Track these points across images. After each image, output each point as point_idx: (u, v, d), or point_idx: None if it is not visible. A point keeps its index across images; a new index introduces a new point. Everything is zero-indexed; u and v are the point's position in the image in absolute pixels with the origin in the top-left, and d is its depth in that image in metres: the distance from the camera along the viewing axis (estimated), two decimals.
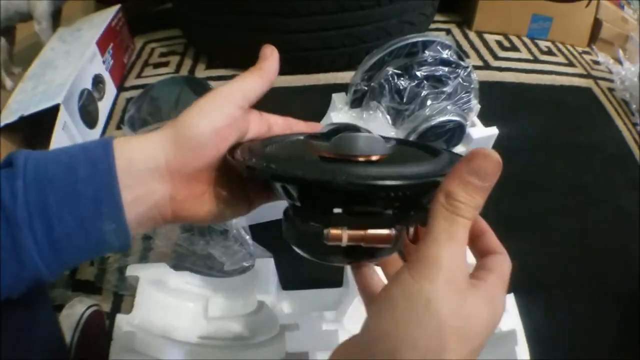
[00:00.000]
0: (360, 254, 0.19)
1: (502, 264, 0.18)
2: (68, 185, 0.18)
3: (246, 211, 0.24)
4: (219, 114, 0.21)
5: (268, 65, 0.23)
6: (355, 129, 0.19)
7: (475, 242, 0.20)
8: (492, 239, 0.20)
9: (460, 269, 0.16)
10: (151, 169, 0.20)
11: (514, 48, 0.87)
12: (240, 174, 0.21)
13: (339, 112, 0.56)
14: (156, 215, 0.21)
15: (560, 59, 0.86)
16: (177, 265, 0.48)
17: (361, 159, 0.18)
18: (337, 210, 0.18)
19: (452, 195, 0.16)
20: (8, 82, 0.81)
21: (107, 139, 0.20)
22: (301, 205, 0.19)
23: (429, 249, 0.16)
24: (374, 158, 0.18)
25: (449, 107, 0.51)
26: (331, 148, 0.18)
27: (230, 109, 0.21)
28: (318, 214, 0.18)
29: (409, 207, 0.18)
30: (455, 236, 0.16)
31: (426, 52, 0.52)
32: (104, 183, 0.18)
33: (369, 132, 0.20)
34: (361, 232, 0.18)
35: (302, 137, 0.24)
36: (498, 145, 0.59)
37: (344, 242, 0.18)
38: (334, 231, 0.17)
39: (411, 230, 0.20)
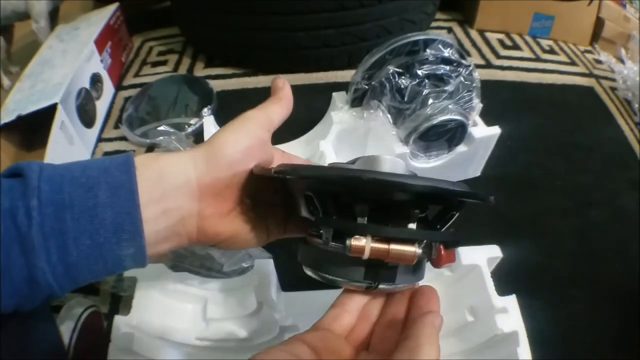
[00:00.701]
0: (381, 273, 0.19)
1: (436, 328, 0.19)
2: (87, 210, 0.18)
3: (264, 241, 0.25)
4: (250, 135, 0.22)
5: (285, 94, 0.25)
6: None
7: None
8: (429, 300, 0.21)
9: None
10: (181, 184, 0.20)
11: (516, 47, 0.87)
12: (266, 190, 0.22)
13: (339, 111, 0.56)
14: (181, 232, 0.21)
15: (562, 57, 0.85)
16: (176, 266, 0.48)
17: None
18: (361, 221, 0.18)
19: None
20: (5, 81, 0.81)
21: (129, 159, 0.20)
22: (324, 215, 0.19)
23: None
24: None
25: (450, 106, 0.50)
26: (357, 166, 0.19)
27: (259, 131, 0.23)
28: (342, 223, 0.18)
29: (433, 221, 0.19)
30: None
31: (427, 50, 0.51)
32: (125, 209, 0.18)
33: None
34: (385, 246, 0.17)
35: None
36: (499, 144, 0.58)
37: (367, 254, 0.17)
38: (357, 242, 0.17)
39: (434, 250, 0.20)
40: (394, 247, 0.17)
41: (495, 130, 0.56)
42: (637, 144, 0.69)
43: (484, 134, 0.56)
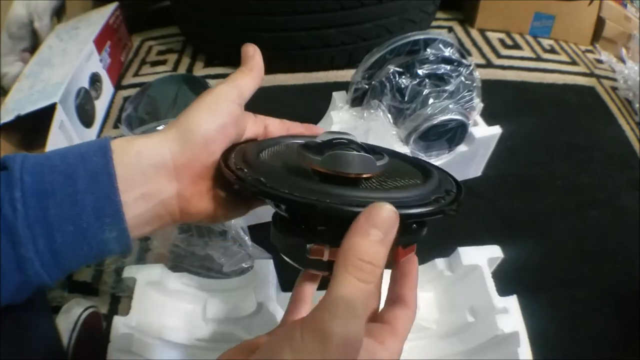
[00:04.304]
0: None
1: (402, 319, 0.18)
2: (68, 197, 0.18)
3: (246, 211, 0.25)
4: (222, 112, 0.22)
5: (256, 63, 0.24)
6: (350, 142, 0.20)
7: (391, 284, 0.21)
8: (406, 285, 0.20)
9: (357, 347, 0.14)
10: (157, 165, 0.20)
11: (517, 46, 0.87)
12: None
13: (340, 111, 0.56)
14: (164, 214, 0.21)
15: (563, 57, 0.85)
16: (175, 267, 0.47)
17: (352, 176, 0.19)
18: (321, 228, 0.19)
19: (358, 253, 0.15)
20: None
21: (105, 143, 0.19)
22: (288, 218, 0.20)
23: (324, 317, 0.14)
24: (365, 176, 0.19)
25: (451, 106, 0.50)
26: (323, 164, 0.19)
27: (231, 107, 0.22)
28: (303, 230, 0.19)
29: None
30: (359, 305, 0.14)
31: (428, 50, 0.51)
32: (105, 193, 0.18)
33: (363, 145, 0.20)
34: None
35: (298, 142, 0.25)
36: (500, 144, 0.58)
37: (325, 258, 0.18)
38: (317, 247, 0.18)
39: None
40: None
41: (496, 130, 0.56)
42: (638, 144, 0.69)
43: (485, 133, 0.55)
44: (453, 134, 0.53)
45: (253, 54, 0.24)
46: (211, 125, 0.21)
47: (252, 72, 0.24)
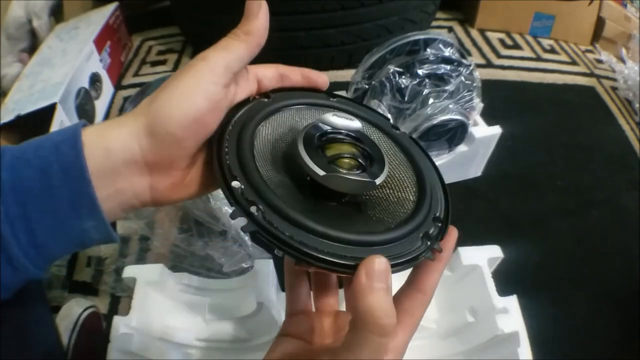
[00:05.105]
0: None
1: (420, 306, 0.19)
2: (44, 191, 0.18)
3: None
4: (198, 100, 0.18)
5: (256, 27, 0.19)
6: (353, 142, 0.20)
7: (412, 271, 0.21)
8: (426, 275, 0.20)
9: None
10: (127, 161, 0.19)
11: (517, 46, 0.87)
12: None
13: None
14: (136, 203, 0.20)
15: (563, 57, 0.85)
16: (175, 267, 0.47)
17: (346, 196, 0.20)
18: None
19: (375, 312, 0.16)
20: None
21: (76, 132, 0.18)
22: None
23: None
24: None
25: (451, 106, 0.50)
26: (325, 181, 0.19)
27: (211, 91, 0.19)
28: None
29: None
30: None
31: (428, 50, 0.51)
32: (79, 188, 0.18)
33: (365, 150, 0.20)
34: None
35: (301, 107, 0.23)
36: (500, 144, 0.58)
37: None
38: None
39: None
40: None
41: (496, 130, 0.56)
42: (638, 144, 0.69)
43: (485, 133, 0.55)
44: (453, 134, 0.53)
45: (257, 11, 0.19)
46: (183, 120, 0.18)
47: (249, 37, 0.19)
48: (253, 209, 0.18)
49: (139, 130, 0.19)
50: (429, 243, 0.20)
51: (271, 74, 0.22)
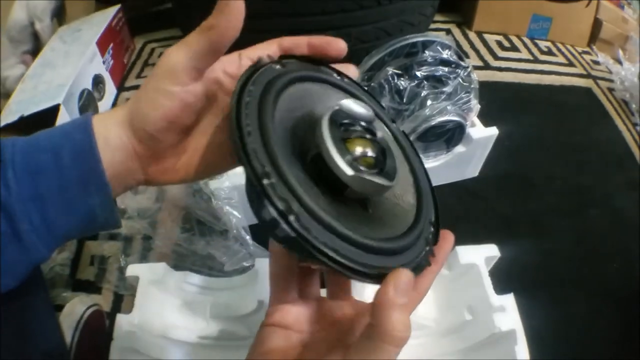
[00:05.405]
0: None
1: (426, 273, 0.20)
2: (56, 171, 0.19)
3: (227, 167, 0.22)
4: (165, 102, 0.19)
5: (220, 22, 0.18)
6: (373, 140, 0.19)
7: None
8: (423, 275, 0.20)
9: None
10: (121, 149, 0.20)
11: (514, 48, 0.87)
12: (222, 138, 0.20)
13: None
14: (133, 183, 0.22)
15: (560, 59, 0.86)
16: (178, 265, 0.48)
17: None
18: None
19: (396, 327, 0.16)
20: None
21: (86, 120, 0.20)
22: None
23: None
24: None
25: (449, 107, 0.51)
26: (352, 181, 0.17)
27: (175, 92, 0.19)
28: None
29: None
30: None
31: (426, 52, 0.52)
32: (89, 166, 0.19)
33: (384, 150, 0.19)
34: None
35: (313, 85, 0.21)
36: (497, 145, 0.59)
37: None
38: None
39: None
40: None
41: (493, 131, 0.57)
42: (635, 145, 0.69)
43: (482, 134, 0.56)
44: (451, 134, 0.54)
45: (224, 7, 0.18)
46: (156, 120, 0.19)
47: (211, 32, 0.18)
48: (289, 211, 0.15)
49: (124, 123, 0.20)
50: (427, 248, 0.20)
51: (273, 52, 0.21)
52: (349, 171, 0.17)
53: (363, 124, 0.19)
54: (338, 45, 0.22)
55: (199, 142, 0.21)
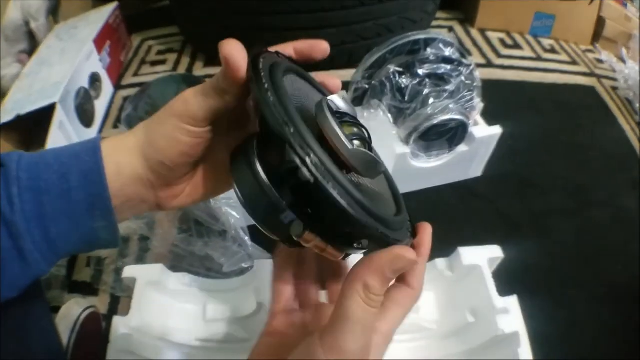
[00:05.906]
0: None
1: (408, 298, 0.20)
2: (62, 193, 0.19)
3: (221, 193, 0.24)
4: (182, 139, 0.20)
5: (235, 91, 0.19)
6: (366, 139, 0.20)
7: None
8: (411, 273, 0.21)
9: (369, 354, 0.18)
10: (134, 176, 0.21)
11: (517, 46, 0.87)
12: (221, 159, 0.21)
13: None
14: (144, 208, 0.23)
15: (564, 57, 0.85)
16: (175, 267, 0.47)
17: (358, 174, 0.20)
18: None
19: (371, 289, 0.18)
20: None
21: (95, 144, 0.21)
22: (296, 198, 0.18)
23: (345, 337, 0.17)
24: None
25: (451, 106, 0.50)
26: (351, 154, 0.18)
27: (192, 131, 0.20)
28: (305, 214, 0.18)
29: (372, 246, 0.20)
30: (369, 326, 0.18)
31: (428, 49, 0.51)
32: (96, 191, 0.20)
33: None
34: (323, 245, 0.18)
35: (297, 78, 0.22)
36: (501, 144, 0.58)
37: (308, 245, 0.18)
38: (309, 235, 0.18)
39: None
40: (329, 249, 0.19)
41: (497, 130, 0.56)
42: (638, 144, 0.69)
43: (485, 133, 0.55)
44: (453, 133, 0.53)
45: (228, 59, 0.18)
46: (171, 154, 0.20)
47: (226, 96, 0.19)
48: (308, 157, 0.16)
49: (139, 152, 0.21)
50: (410, 239, 0.20)
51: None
52: (350, 145, 0.18)
53: (351, 116, 0.20)
54: (321, 47, 0.22)
55: (207, 164, 0.23)
